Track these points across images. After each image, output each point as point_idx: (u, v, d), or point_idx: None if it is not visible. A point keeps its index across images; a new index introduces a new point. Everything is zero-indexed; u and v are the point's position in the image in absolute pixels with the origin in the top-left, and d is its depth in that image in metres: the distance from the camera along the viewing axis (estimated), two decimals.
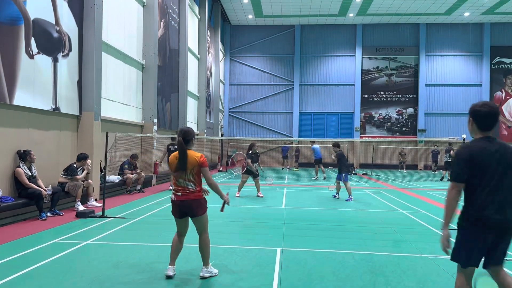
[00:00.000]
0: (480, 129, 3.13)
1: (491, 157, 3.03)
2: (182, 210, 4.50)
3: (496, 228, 3.01)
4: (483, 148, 3.05)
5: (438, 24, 29.65)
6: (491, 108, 3.12)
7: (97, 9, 10.40)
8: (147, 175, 13.86)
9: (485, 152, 3.04)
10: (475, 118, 3.13)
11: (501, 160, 3.04)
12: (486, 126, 3.11)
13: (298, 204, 10.53)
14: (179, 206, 4.48)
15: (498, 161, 3.03)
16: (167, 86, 17.57)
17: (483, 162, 3.02)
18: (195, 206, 4.46)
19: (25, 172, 7.71)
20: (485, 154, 3.04)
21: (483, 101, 3.20)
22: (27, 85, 8.10)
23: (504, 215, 3.00)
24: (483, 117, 3.10)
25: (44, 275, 4.54)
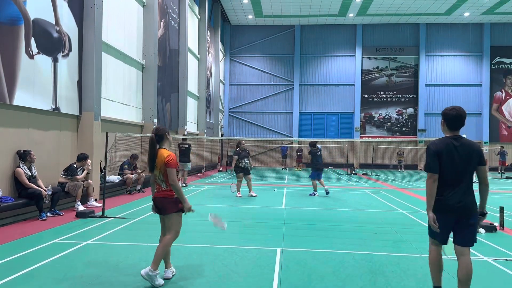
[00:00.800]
0: (449, 128, 3.75)
1: (454, 152, 3.64)
2: (157, 207, 4.53)
3: (457, 211, 3.62)
4: (447, 145, 3.66)
5: (438, 24, 29.65)
6: (459, 112, 3.69)
7: (97, 9, 10.40)
8: (147, 175, 13.86)
9: (449, 148, 3.65)
10: (445, 120, 3.75)
11: (462, 156, 3.63)
12: (454, 126, 3.72)
13: (298, 204, 10.53)
14: (155, 202, 4.54)
15: (460, 156, 3.63)
16: (167, 86, 17.57)
17: (447, 156, 3.63)
18: (165, 203, 4.43)
19: (25, 172, 7.71)
20: (449, 149, 3.64)
21: (453, 106, 3.77)
22: (27, 85, 8.10)
23: (464, 201, 3.62)
24: (452, 119, 3.71)
25: (44, 275, 4.53)
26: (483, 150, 25.19)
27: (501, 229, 7.37)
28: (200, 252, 5.61)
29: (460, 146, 3.65)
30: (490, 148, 27.82)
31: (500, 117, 29.36)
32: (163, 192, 4.45)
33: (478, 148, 3.72)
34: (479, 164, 3.69)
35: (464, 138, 3.73)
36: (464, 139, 3.73)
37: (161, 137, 4.47)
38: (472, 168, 3.68)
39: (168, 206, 4.43)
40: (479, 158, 3.68)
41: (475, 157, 3.67)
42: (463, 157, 3.64)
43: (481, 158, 3.70)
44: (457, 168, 3.63)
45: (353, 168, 24.15)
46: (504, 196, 13.29)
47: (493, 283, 4.54)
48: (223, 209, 9.52)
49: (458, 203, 3.61)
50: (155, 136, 4.42)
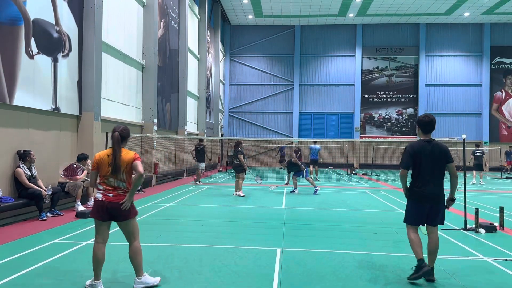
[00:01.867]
0: (423, 132, 4.61)
1: (427, 153, 4.50)
2: (109, 212, 4.08)
3: (430, 199, 4.49)
4: (422, 146, 4.54)
5: (438, 24, 29.65)
6: (430, 118, 4.57)
7: (97, 9, 10.40)
8: (147, 175, 13.86)
9: (423, 149, 4.52)
10: (420, 126, 4.62)
11: (434, 155, 4.50)
12: (427, 130, 4.59)
13: (298, 204, 10.53)
14: (107, 207, 4.06)
15: (432, 156, 4.50)
16: (167, 86, 17.57)
17: (421, 156, 4.51)
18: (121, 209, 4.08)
19: (25, 173, 7.71)
20: (423, 150, 4.52)
21: (425, 114, 4.75)
22: (27, 85, 8.10)
23: (434, 192, 4.50)
24: (424, 124, 4.58)
25: (44, 275, 4.53)
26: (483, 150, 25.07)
27: (501, 229, 7.37)
28: (200, 252, 5.61)
29: (432, 147, 4.51)
30: (490, 148, 27.83)
31: (500, 117, 29.36)
32: (123, 196, 4.12)
33: (446, 148, 4.58)
34: (447, 161, 4.54)
35: (435, 141, 4.59)
36: (435, 142, 4.57)
37: (124, 138, 4.22)
38: (442, 165, 4.53)
39: (131, 210, 4.17)
40: (447, 157, 4.54)
41: (444, 156, 4.52)
42: (435, 156, 4.49)
43: (449, 156, 4.55)
44: (430, 165, 4.49)
45: (353, 168, 24.15)
46: (504, 196, 13.29)
47: (493, 283, 4.54)
48: (223, 209, 9.52)
49: (431, 193, 4.47)
50: (120, 136, 4.14)
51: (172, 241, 6.27)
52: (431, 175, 4.48)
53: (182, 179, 17.78)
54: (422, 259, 4.50)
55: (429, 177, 4.48)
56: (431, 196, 4.47)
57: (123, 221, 4.16)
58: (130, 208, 4.17)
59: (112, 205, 4.07)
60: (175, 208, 9.67)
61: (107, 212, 4.09)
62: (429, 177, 4.48)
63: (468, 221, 7.54)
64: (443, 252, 5.78)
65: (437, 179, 4.51)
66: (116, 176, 4.13)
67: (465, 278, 4.64)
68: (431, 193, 4.47)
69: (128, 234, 4.24)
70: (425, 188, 4.48)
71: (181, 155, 19.24)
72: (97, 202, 4.13)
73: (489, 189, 15.62)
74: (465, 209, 7.67)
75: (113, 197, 4.09)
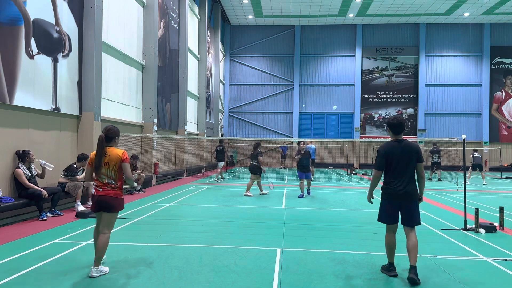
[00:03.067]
0: (393, 133, 4.74)
1: (398, 153, 4.62)
2: (99, 205, 4.55)
3: (401, 197, 4.60)
4: (393, 147, 4.67)
5: (438, 24, 29.65)
6: (399, 120, 4.69)
7: (97, 9, 10.40)
8: (147, 175, 13.87)
9: (394, 149, 4.65)
10: (390, 127, 4.75)
11: (404, 155, 4.61)
12: (397, 132, 4.71)
13: (298, 204, 10.53)
14: (97, 200, 4.56)
15: (403, 155, 4.61)
16: (167, 86, 17.57)
17: (393, 156, 4.63)
18: (114, 202, 4.55)
19: (24, 173, 7.71)
20: (394, 151, 4.64)
21: (394, 116, 5.06)
22: (27, 85, 8.11)
23: (405, 189, 4.60)
24: (394, 126, 4.70)
25: (44, 275, 4.53)
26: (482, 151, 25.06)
27: (501, 229, 7.37)
28: (200, 252, 5.61)
29: (402, 147, 4.63)
30: (490, 148, 27.84)
31: (500, 117, 29.35)
32: (112, 191, 4.55)
33: (417, 148, 4.67)
34: (417, 161, 4.63)
35: (405, 141, 4.70)
36: (406, 141, 4.68)
37: (111, 138, 4.62)
38: (412, 163, 4.61)
39: (116, 204, 4.56)
40: (417, 156, 4.63)
41: (414, 156, 4.62)
42: (406, 155, 4.61)
43: (419, 156, 4.63)
44: (401, 164, 4.61)
45: (353, 168, 24.15)
46: (504, 196, 13.29)
47: (493, 283, 4.54)
48: (223, 209, 9.52)
49: (401, 191, 4.59)
50: (105, 136, 4.58)
51: (172, 241, 6.27)
52: (403, 174, 4.60)
53: (182, 179, 17.78)
54: (392, 263, 4.73)
55: (401, 176, 4.60)
56: (403, 193, 4.57)
57: (107, 212, 4.55)
58: (117, 203, 4.59)
59: (100, 198, 4.54)
60: (175, 208, 9.67)
61: (98, 205, 4.57)
62: (401, 176, 4.60)
63: (468, 221, 7.54)
64: (443, 252, 5.78)
65: (409, 178, 4.61)
66: (106, 174, 4.57)
67: (465, 278, 4.64)
68: (403, 191, 4.58)
69: (105, 224, 4.58)
70: (397, 186, 4.60)
71: (181, 155, 19.24)
72: (93, 196, 4.65)
73: (489, 189, 15.62)
74: (465, 209, 7.67)
75: (102, 191, 4.55)
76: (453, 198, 12.06)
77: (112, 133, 4.62)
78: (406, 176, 4.59)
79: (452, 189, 14.58)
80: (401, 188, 4.57)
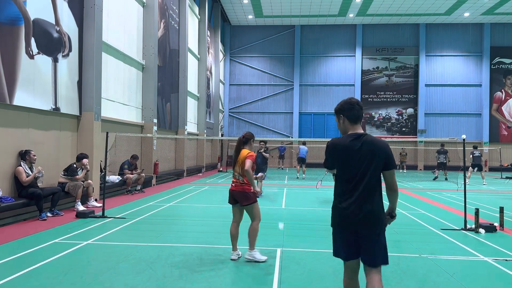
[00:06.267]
0: (349, 122, 3.14)
1: (353, 152, 3.02)
2: (234, 198, 5.30)
3: (355, 221, 2.99)
4: (347, 143, 3.06)
5: (438, 24, 29.65)
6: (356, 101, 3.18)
7: (97, 9, 10.40)
8: (147, 175, 13.87)
9: (347, 147, 3.05)
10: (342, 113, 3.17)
11: (364, 157, 3.01)
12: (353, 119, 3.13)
13: (298, 204, 10.53)
14: (231, 194, 5.33)
15: (360, 157, 3.01)
16: (167, 86, 17.57)
17: (346, 157, 3.05)
18: (244, 197, 5.22)
19: (25, 172, 7.71)
20: (348, 149, 3.05)
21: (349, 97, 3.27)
22: (27, 85, 8.11)
23: (363, 211, 2.97)
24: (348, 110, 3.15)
25: (44, 275, 4.53)
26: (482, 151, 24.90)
27: (501, 229, 7.38)
28: (200, 252, 5.61)
29: (362, 145, 3.03)
30: (490, 148, 27.84)
31: (500, 117, 29.35)
32: (241, 186, 5.25)
33: (385, 147, 3.05)
34: (385, 167, 3.04)
35: (367, 135, 3.09)
36: (368, 136, 3.08)
37: (247, 141, 5.52)
38: (374, 170, 3.01)
39: (247, 198, 5.21)
40: (384, 160, 3.03)
41: (380, 158, 3.01)
42: (365, 158, 3.01)
43: (388, 159, 3.04)
44: (357, 170, 3.01)
45: None
46: (504, 196, 13.29)
47: (493, 283, 4.54)
48: (223, 209, 9.52)
49: (355, 213, 2.98)
50: (243, 138, 5.52)
51: (172, 241, 6.27)
52: (359, 186, 3.00)
53: (182, 179, 17.78)
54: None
55: (355, 189, 3.01)
56: (357, 216, 2.98)
57: (243, 206, 5.26)
58: (249, 197, 5.23)
59: (235, 193, 5.29)
60: (175, 208, 9.67)
61: (231, 197, 5.34)
62: (355, 189, 3.01)
63: (468, 221, 7.54)
64: (443, 252, 5.78)
65: (368, 192, 3.00)
66: (238, 171, 5.33)
67: (465, 278, 4.64)
68: (357, 212, 2.98)
69: (250, 216, 5.32)
70: (348, 204, 3.01)
71: (181, 155, 19.24)
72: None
73: (489, 189, 15.62)
74: (465, 209, 7.67)
75: (235, 186, 5.31)
76: (453, 198, 12.06)
77: (248, 136, 5.55)
78: (364, 190, 3.00)
79: (452, 189, 14.58)
80: (355, 208, 2.98)
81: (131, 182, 12.05)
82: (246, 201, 5.21)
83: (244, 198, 5.21)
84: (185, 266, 4.97)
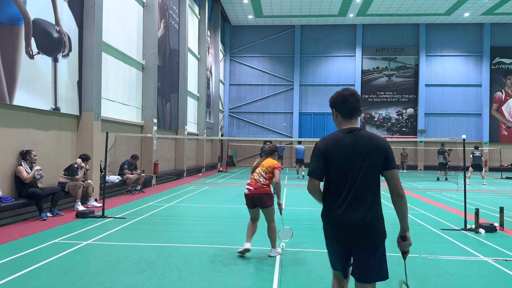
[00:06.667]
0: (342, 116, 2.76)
1: (346, 149, 2.61)
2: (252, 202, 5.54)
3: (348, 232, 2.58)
4: (339, 140, 2.65)
5: (438, 24, 29.65)
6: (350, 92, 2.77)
7: (97, 9, 10.40)
8: (147, 175, 13.86)
9: (339, 144, 2.63)
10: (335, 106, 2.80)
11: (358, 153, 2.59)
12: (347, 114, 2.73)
13: (298, 204, 10.52)
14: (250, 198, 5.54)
15: (354, 154, 2.59)
16: (167, 86, 17.57)
17: (338, 155, 2.61)
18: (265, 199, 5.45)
19: (26, 171, 7.71)
20: (340, 146, 2.62)
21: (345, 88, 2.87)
22: (27, 85, 8.10)
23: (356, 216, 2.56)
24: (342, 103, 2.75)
25: (44, 275, 4.53)
26: (482, 151, 24.87)
27: (501, 229, 7.37)
28: (200, 252, 5.61)
29: (357, 141, 2.63)
30: (490, 148, 27.83)
31: (500, 117, 29.35)
32: (262, 188, 5.43)
33: (383, 143, 2.63)
34: (385, 166, 2.60)
35: (362, 130, 2.69)
36: (363, 132, 2.67)
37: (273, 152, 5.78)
38: (372, 170, 2.58)
39: (270, 198, 5.46)
40: (383, 158, 2.59)
41: (377, 156, 2.59)
42: (359, 155, 2.59)
43: (387, 158, 2.60)
44: (350, 170, 2.59)
45: None
46: (504, 196, 13.29)
47: (493, 283, 4.54)
48: (223, 209, 9.52)
49: (348, 223, 2.57)
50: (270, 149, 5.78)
51: (172, 241, 6.27)
52: (351, 187, 2.59)
53: (182, 179, 17.78)
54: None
55: (346, 190, 2.60)
56: (351, 227, 2.58)
57: (267, 207, 5.47)
58: (272, 197, 5.50)
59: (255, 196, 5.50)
60: (175, 208, 9.67)
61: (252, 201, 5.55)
62: (346, 191, 2.60)
63: (468, 221, 7.53)
64: (443, 252, 5.78)
65: (363, 196, 2.58)
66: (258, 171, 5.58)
67: (465, 278, 4.64)
68: (350, 223, 2.57)
69: (268, 216, 5.52)
70: (340, 212, 2.62)
71: (181, 155, 19.24)
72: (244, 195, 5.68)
73: (489, 189, 15.62)
74: (465, 209, 7.66)
75: (254, 190, 5.48)
76: (453, 198, 12.06)
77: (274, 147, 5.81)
78: (358, 194, 2.58)
79: (452, 189, 14.57)
80: (348, 217, 2.57)
81: (131, 182, 12.05)
82: (270, 201, 5.44)
83: (268, 198, 5.43)
84: (185, 266, 4.97)
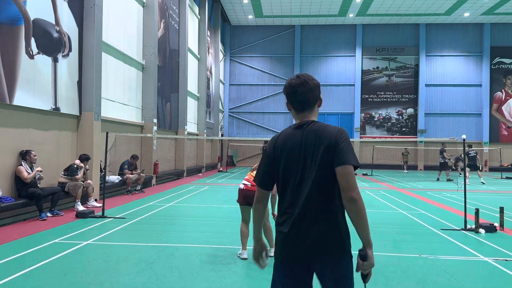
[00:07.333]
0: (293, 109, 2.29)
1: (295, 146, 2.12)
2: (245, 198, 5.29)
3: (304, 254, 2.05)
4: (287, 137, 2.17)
5: (438, 24, 29.65)
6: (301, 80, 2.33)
7: (97, 9, 10.40)
8: (147, 176, 13.87)
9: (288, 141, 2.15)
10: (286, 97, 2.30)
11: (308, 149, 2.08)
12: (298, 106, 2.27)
13: None
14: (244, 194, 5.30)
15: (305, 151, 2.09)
16: (167, 86, 17.57)
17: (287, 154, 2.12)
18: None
19: (26, 171, 7.71)
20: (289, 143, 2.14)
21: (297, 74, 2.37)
22: (27, 85, 8.10)
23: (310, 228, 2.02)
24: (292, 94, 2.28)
25: (44, 275, 4.53)
26: (482, 151, 24.94)
27: (501, 229, 7.37)
28: (200, 252, 5.61)
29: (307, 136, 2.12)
30: (490, 148, 27.84)
31: (500, 117, 29.35)
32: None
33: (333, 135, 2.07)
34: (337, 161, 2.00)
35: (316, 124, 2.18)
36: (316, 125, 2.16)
37: None
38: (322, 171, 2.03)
39: None
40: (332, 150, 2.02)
41: (325, 152, 2.04)
42: (307, 152, 2.09)
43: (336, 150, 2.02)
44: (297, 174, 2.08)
45: None
46: (504, 196, 13.29)
47: (493, 283, 4.54)
48: (222, 209, 9.52)
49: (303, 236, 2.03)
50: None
51: (172, 241, 6.27)
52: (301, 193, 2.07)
53: (182, 179, 17.78)
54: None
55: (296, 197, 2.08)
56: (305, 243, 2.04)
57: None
58: None
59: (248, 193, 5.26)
60: (175, 208, 9.67)
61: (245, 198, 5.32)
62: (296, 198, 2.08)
63: (468, 221, 7.53)
64: (443, 252, 5.78)
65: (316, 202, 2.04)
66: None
67: (465, 278, 4.64)
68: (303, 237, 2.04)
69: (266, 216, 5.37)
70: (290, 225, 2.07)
71: (181, 155, 19.24)
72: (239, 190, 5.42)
73: (489, 189, 15.62)
74: (465, 209, 7.66)
75: (251, 186, 5.29)
76: (453, 198, 12.06)
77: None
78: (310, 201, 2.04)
79: (452, 189, 14.58)
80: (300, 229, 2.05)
81: (131, 182, 12.05)
82: None
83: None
84: (185, 266, 4.97)
